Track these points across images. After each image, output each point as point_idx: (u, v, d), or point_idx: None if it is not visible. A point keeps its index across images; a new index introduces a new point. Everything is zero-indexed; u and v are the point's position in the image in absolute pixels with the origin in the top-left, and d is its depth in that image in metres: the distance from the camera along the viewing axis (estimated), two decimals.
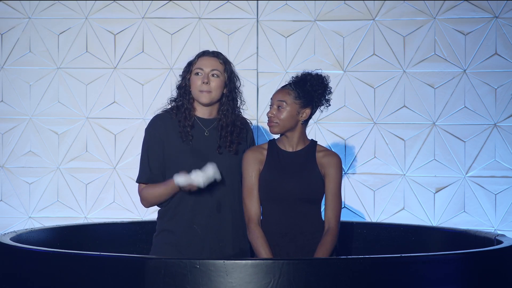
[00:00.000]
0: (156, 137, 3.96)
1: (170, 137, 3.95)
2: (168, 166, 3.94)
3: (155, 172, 3.95)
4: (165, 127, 3.96)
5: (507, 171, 5.84)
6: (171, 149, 3.94)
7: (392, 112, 5.95)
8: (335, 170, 3.94)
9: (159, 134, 3.96)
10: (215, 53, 4.01)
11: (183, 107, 3.97)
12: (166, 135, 3.96)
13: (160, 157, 3.95)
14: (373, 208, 5.94)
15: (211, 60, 3.98)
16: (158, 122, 3.99)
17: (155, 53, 6.07)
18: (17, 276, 3.61)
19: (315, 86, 3.94)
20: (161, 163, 3.95)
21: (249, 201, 3.93)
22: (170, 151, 3.94)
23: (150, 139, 3.98)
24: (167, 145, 3.95)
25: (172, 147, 3.94)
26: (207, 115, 4.01)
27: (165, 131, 3.96)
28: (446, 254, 3.55)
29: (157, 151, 3.95)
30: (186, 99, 3.98)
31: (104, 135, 6.08)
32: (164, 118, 3.99)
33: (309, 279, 3.26)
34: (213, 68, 3.96)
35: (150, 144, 3.97)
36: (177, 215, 3.93)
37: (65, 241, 4.50)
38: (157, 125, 3.98)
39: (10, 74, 6.11)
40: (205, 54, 4.00)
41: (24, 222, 6.08)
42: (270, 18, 6.03)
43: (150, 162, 3.95)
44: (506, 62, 5.85)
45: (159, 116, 4.01)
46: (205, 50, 4.03)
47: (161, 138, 3.95)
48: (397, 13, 5.95)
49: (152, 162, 3.95)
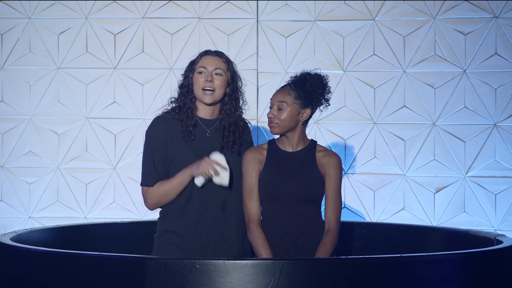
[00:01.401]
0: (159, 139, 3.94)
1: (172, 138, 3.94)
2: (171, 168, 3.93)
3: (161, 174, 3.93)
4: (167, 128, 3.95)
5: (507, 171, 5.84)
6: (173, 150, 3.93)
7: (392, 112, 5.95)
8: (335, 170, 3.94)
9: (161, 135, 3.94)
10: (218, 52, 4.01)
11: (185, 107, 3.96)
12: (169, 136, 3.94)
13: (164, 158, 3.94)
14: (373, 208, 5.94)
15: (214, 59, 3.97)
16: (159, 123, 3.97)
17: (155, 53, 6.08)
18: (17, 276, 3.61)
19: (315, 86, 3.94)
20: (165, 164, 3.94)
21: (249, 201, 3.93)
22: (173, 152, 3.93)
23: (153, 141, 3.95)
24: (169, 147, 3.94)
25: (174, 148, 3.93)
26: (209, 116, 4.00)
27: (167, 132, 3.94)
28: (446, 254, 3.55)
29: (161, 152, 3.93)
30: (188, 98, 3.97)
31: (104, 135, 6.08)
32: (165, 119, 3.98)
33: (309, 279, 3.26)
34: (216, 67, 3.95)
35: (154, 146, 3.94)
36: (182, 216, 3.91)
37: (65, 241, 4.50)
38: (159, 127, 3.96)
39: (10, 74, 6.11)
40: (208, 53, 4.00)
41: (24, 222, 6.08)
42: (270, 18, 6.03)
43: (156, 164, 3.93)
44: (506, 62, 5.85)
45: (159, 117, 4.00)
46: (207, 50, 4.03)
47: (163, 139, 3.94)
48: (397, 13, 5.95)
49: (158, 164, 3.93)
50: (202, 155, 3.89)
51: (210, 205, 3.91)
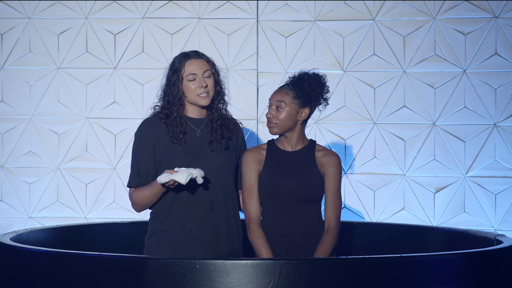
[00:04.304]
0: (146, 142, 3.93)
1: (161, 139, 3.93)
2: (161, 167, 3.92)
3: (144, 177, 3.93)
4: (155, 130, 3.94)
5: (507, 171, 5.84)
6: (162, 151, 3.92)
7: (392, 112, 5.95)
8: (335, 170, 3.94)
9: (149, 138, 3.94)
10: (197, 53, 3.98)
11: (173, 115, 3.93)
12: (157, 138, 3.93)
13: (150, 161, 3.93)
14: (373, 208, 5.94)
15: (199, 62, 3.95)
16: (148, 126, 3.96)
17: (155, 53, 6.08)
18: (17, 276, 3.61)
19: (313, 86, 3.95)
20: (150, 167, 3.93)
21: (249, 201, 3.93)
22: (162, 153, 3.93)
23: (140, 144, 3.95)
24: (158, 148, 3.93)
25: (163, 149, 3.92)
26: (199, 115, 4.00)
27: (156, 134, 3.94)
28: (446, 254, 3.55)
29: (147, 155, 3.93)
30: (176, 106, 3.94)
31: (104, 135, 6.08)
32: (153, 122, 3.97)
33: (309, 279, 3.26)
34: (205, 70, 3.95)
35: (139, 149, 3.95)
36: (171, 216, 3.91)
37: (65, 241, 4.50)
38: (147, 129, 3.95)
39: (10, 74, 6.11)
40: (191, 57, 3.95)
41: (24, 222, 6.08)
42: (270, 18, 6.03)
43: (139, 167, 3.94)
44: (506, 62, 5.85)
45: (148, 119, 3.99)
46: (185, 53, 3.98)
47: (151, 141, 3.93)
48: (397, 13, 5.95)
49: (142, 166, 3.93)
50: (191, 154, 3.90)
51: (199, 203, 3.91)
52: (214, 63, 4.00)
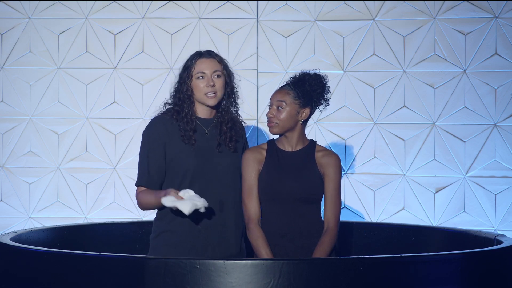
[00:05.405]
0: (157, 140, 3.93)
1: (172, 139, 3.94)
2: (171, 167, 3.93)
3: (154, 176, 3.92)
4: (166, 129, 3.94)
5: (507, 171, 5.84)
6: (172, 150, 3.93)
7: (392, 112, 5.95)
8: (334, 170, 3.94)
9: (161, 135, 3.93)
10: (211, 53, 3.99)
11: (184, 112, 3.95)
12: (168, 137, 3.94)
13: (161, 160, 3.93)
14: (373, 208, 5.94)
15: (210, 61, 3.96)
16: (158, 124, 3.96)
17: (155, 53, 6.07)
18: (17, 276, 3.61)
19: (314, 86, 3.94)
20: (161, 166, 3.93)
21: (248, 201, 3.93)
22: (172, 152, 3.93)
23: (150, 141, 3.94)
24: (168, 147, 3.93)
25: (173, 148, 3.93)
26: (208, 115, 4.00)
27: (166, 133, 3.94)
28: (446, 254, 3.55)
29: (157, 154, 3.93)
30: (187, 104, 3.96)
31: (104, 135, 6.08)
32: (164, 120, 3.97)
33: (309, 279, 3.26)
34: (215, 69, 3.95)
35: (150, 146, 3.94)
36: (179, 216, 3.90)
37: (65, 241, 4.50)
38: (158, 128, 3.95)
39: (10, 74, 6.11)
40: (203, 56, 3.96)
41: (24, 222, 6.08)
42: (270, 18, 6.03)
43: (149, 165, 3.93)
44: (506, 62, 5.85)
45: (158, 118, 3.98)
46: (198, 52, 4.00)
47: (162, 140, 3.93)
48: (397, 13, 5.95)
49: (152, 165, 3.93)
50: (201, 154, 3.90)
51: (209, 204, 3.91)
52: (228, 65, 4.00)
